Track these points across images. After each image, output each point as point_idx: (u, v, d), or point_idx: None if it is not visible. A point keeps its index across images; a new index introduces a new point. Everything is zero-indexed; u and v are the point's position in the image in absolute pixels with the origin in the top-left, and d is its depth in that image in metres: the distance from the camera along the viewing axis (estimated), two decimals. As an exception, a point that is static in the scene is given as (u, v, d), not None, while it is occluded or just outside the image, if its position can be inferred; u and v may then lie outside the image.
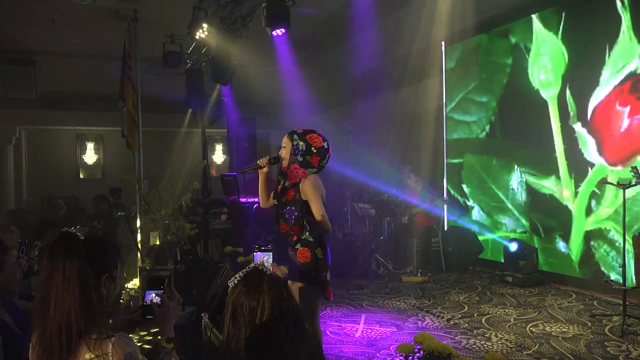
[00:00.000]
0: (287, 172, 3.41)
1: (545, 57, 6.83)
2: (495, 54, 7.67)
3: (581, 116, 6.33)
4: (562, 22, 6.54)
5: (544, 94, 6.87)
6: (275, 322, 1.57)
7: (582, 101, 6.28)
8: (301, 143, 3.38)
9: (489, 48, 7.81)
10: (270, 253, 3.10)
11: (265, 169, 3.56)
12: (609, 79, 5.98)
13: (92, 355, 1.59)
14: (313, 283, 3.34)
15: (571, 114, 6.46)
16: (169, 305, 1.94)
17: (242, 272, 1.69)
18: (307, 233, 3.37)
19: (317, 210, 3.31)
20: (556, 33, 6.63)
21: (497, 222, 7.68)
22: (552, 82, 6.74)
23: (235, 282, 1.66)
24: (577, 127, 6.40)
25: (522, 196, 7.23)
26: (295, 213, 3.37)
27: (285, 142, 3.46)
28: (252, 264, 1.75)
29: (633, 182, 4.62)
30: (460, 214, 8.23)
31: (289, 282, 3.49)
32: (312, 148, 3.39)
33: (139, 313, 1.95)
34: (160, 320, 1.91)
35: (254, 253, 3.14)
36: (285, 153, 3.45)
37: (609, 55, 5.96)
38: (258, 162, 3.58)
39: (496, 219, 7.71)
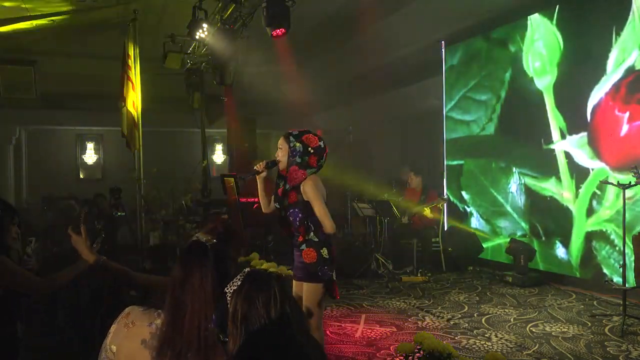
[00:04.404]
0: (287, 175, 3.40)
1: (540, 42, 6.77)
2: (495, 53, 7.66)
3: (578, 121, 6.28)
4: (556, 9, 6.52)
5: (538, 83, 6.83)
6: (286, 313, 1.59)
7: (579, 101, 6.23)
8: (298, 144, 3.37)
9: (489, 47, 7.80)
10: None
11: (263, 174, 3.54)
12: (609, 74, 5.90)
13: None
14: (320, 282, 3.34)
15: (563, 131, 6.47)
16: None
17: (240, 275, 1.66)
18: (312, 233, 3.36)
19: (320, 210, 3.30)
20: (551, 19, 6.60)
21: (497, 227, 7.67)
22: (547, 69, 6.68)
23: (238, 283, 1.64)
24: (566, 145, 6.40)
25: (521, 199, 7.22)
26: (300, 215, 3.36)
27: (282, 144, 3.44)
28: (246, 269, 1.74)
29: (633, 182, 4.62)
30: (459, 220, 8.24)
31: (295, 282, 3.49)
32: (309, 148, 3.38)
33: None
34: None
35: None
36: (281, 155, 3.43)
37: (616, 39, 5.82)
38: (255, 167, 3.56)
39: (495, 223, 7.70)
